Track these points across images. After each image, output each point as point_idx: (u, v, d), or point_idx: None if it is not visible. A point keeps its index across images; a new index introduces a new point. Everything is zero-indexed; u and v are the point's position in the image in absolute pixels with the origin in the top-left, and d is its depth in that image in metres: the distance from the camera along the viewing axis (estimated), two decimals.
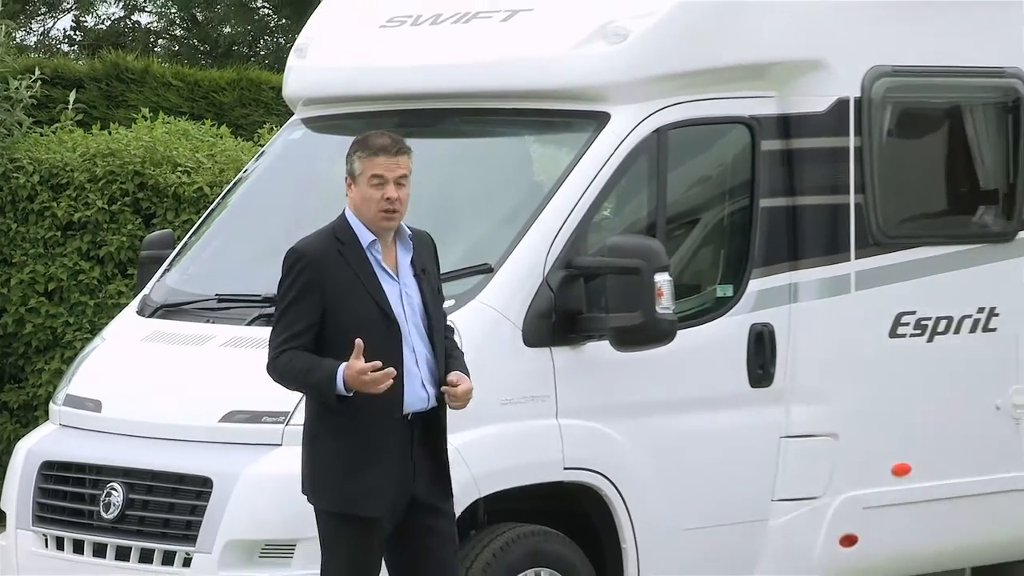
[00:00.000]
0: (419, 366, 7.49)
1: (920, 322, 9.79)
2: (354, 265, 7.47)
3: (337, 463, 7.51)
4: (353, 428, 7.45)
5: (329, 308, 7.44)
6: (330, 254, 7.51)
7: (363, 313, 7.42)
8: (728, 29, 9.45)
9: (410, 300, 7.53)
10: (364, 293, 7.45)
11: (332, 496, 7.56)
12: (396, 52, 9.95)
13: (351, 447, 7.48)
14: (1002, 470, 9.99)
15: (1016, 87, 10.10)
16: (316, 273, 7.46)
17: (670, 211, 9.37)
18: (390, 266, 7.52)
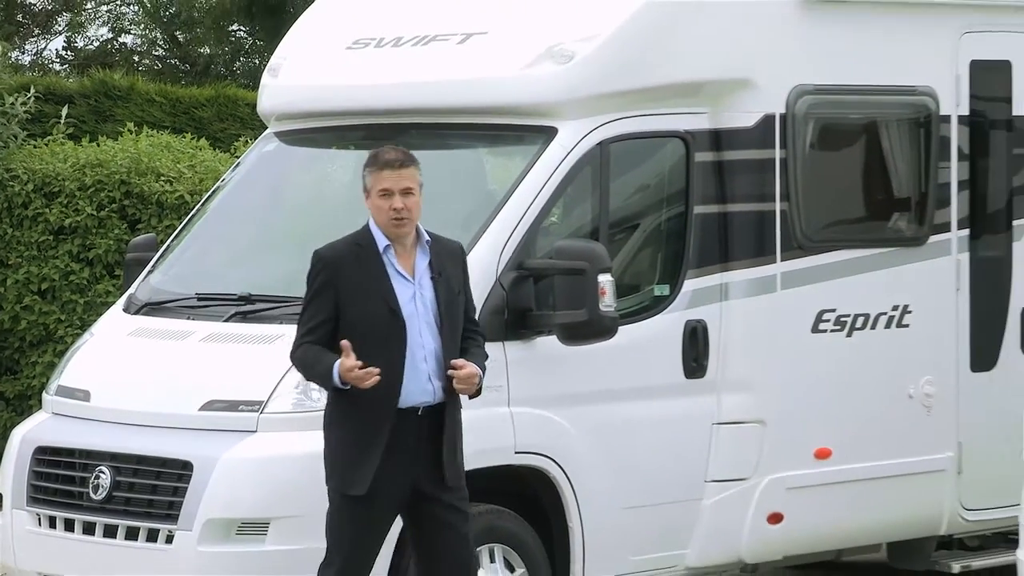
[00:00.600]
0: (427, 361, 7.55)
1: (840, 319, 9.82)
2: (368, 267, 7.58)
3: (339, 448, 7.61)
4: (353, 417, 7.54)
5: (343, 305, 7.55)
6: (347, 257, 7.64)
7: (373, 310, 7.53)
8: (665, 51, 9.46)
9: (423, 300, 7.60)
10: (375, 292, 7.54)
11: (334, 478, 7.65)
12: (361, 72, 9.95)
13: (350, 434, 7.57)
14: (914, 454, 10.02)
15: (928, 104, 10.13)
16: (332, 274, 7.59)
17: (612, 217, 9.39)
18: (407, 269, 7.61)
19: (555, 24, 9.51)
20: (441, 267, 7.69)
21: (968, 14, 10.26)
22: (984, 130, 10.38)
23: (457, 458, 7.69)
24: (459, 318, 7.70)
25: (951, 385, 10.18)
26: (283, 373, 8.76)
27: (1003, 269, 10.40)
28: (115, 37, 32.39)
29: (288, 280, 9.55)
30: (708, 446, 9.44)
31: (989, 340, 10.32)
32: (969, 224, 10.28)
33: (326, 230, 10.04)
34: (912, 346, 10.05)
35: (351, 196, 10.30)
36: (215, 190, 10.56)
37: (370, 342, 7.45)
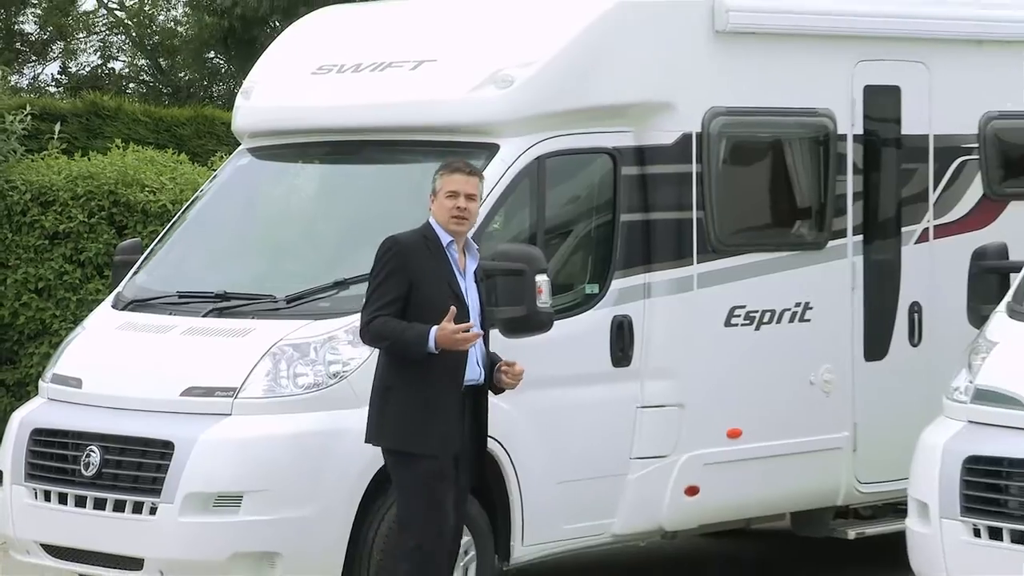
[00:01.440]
0: (475, 348, 7.69)
1: (749, 314, 9.85)
2: (436, 257, 7.71)
3: (407, 413, 7.66)
4: (424, 387, 7.61)
5: (414, 286, 7.64)
6: (417, 245, 7.76)
7: (441, 295, 7.63)
8: (595, 77, 9.47)
9: (473, 295, 7.78)
10: (442, 280, 7.69)
11: (400, 438, 7.73)
12: (324, 95, 9.94)
13: (421, 402, 7.64)
14: (815, 433, 10.04)
15: (826, 124, 10.16)
16: (404, 258, 7.70)
17: (548, 224, 9.40)
18: (462, 266, 7.77)
19: (497, 52, 9.52)
20: (481, 275, 7.91)
21: (862, 45, 10.31)
22: (876, 147, 10.43)
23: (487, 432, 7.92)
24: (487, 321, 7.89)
25: (847, 373, 10.21)
26: (255, 362, 8.78)
27: (893, 270, 10.46)
28: (104, 63, 32.33)
29: (259, 280, 9.58)
30: (633, 427, 9.46)
31: (881, 333, 10.37)
32: (863, 230, 10.31)
33: (294, 236, 10.15)
34: (813, 338, 10.08)
35: (316, 206, 10.36)
36: (194, 199, 10.53)
37: (438, 321, 7.54)
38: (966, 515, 7.94)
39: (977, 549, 7.90)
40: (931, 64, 10.53)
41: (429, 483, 7.67)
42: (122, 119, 18.64)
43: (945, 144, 10.63)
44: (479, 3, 10.83)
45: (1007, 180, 10.85)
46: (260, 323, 9.04)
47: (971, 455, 7.97)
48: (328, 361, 8.76)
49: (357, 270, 9.11)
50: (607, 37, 9.57)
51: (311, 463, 8.63)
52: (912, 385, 10.15)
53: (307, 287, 9.17)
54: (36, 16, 31.91)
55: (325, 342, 8.79)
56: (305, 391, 8.73)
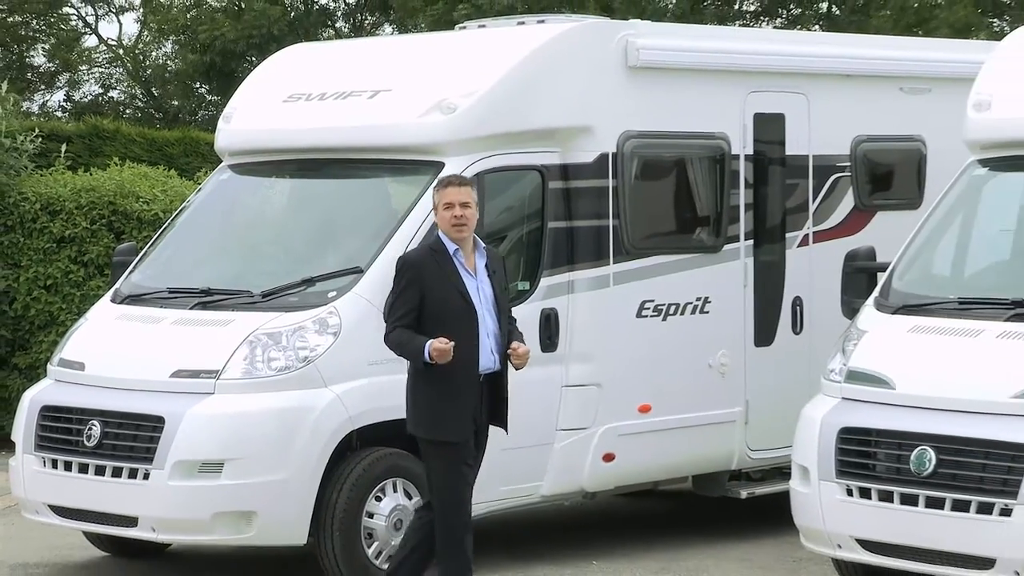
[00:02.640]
0: (489, 338, 7.61)
1: (657, 307, 9.86)
2: (444, 267, 7.60)
3: (433, 404, 7.61)
4: (444, 380, 7.53)
5: (426, 296, 7.56)
6: (427, 260, 7.66)
7: (450, 300, 7.57)
8: (526, 105, 9.47)
9: (484, 292, 7.66)
10: (451, 286, 7.58)
11: (427, 427, 7.65)
12: (294, 119, 9.92)
13: (442, 393, 7.58)
14: (713, 408, 10.06)
15: (722, 146, 10.19)
16: (414, 272, 7.62)
17: (486, 230, 9.32)
18: (470, 267, 7.65)
19: (443, 83, 9.51)
20: (494, 267, 7.77)
21: (752, 79, 10.34)
22: (764, 166, 10.46)
23: (506, 413, 7.81)
24: (506, 307, 7.78)
25: (740, 357, 10.23)
26: (235, 348, 8.76)
27: (778, 270, 10.49)
28: (104, 92, 32.19)
29: (238, 278, 9.54)
30: (559, 403, 9.46)
31: (768, 323, 10.40)
32: (753, 236, 10.34)
33: (268, 240, 10.12)
34: (711, 327, 10.09)
35: (286, 214, 10.32)
36: (182, 209, 10.47)
37: (449, 324, 7.50)
38: (840, 477, 7.98)
39: (849, 506, 7.94)
40: (810, 95, 10.58)
41: (454, 464, 7.62)
42: (119, 140, 18.53)
43: (822, 163, 10.68)
44: (428, 41, 10.86)
45: (874, 194, 10.92)
46: (239, 315, 9.01)
47: (844, 427, 8.03)
48: (297, 347, 8.74)
49: (323, 269, 9.16)
50: (536, 71, 9.58)
51: (283, 435, 8.61)
52: (795, 367, 10.20)
53: (279, 284, 9.14)
54: (45, 51, 31.77)
55: (295, 331, 8.77)
56: (278, 373, 8.70)
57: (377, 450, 8.85)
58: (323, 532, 8.68)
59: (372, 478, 8.77)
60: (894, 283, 8.58)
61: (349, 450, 8.78)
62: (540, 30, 9.91)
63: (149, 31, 32.18)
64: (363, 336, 8.78)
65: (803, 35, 16.61)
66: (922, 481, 7.66)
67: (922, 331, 8.14)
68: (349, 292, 8.88)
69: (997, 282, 8.49)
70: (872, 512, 7.85)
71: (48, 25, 31.74)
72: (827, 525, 8.07)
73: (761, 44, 11.14)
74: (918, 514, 7.66)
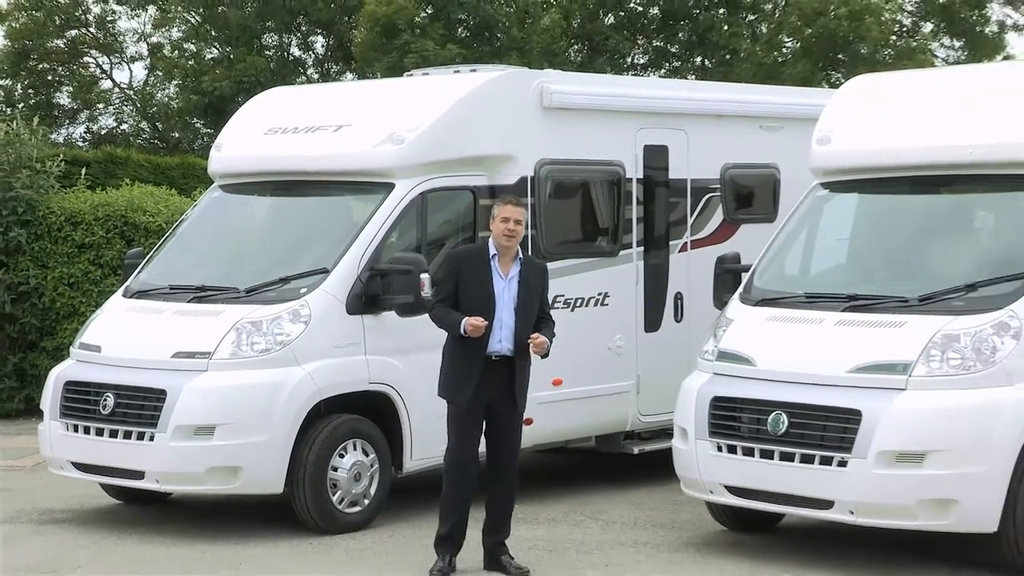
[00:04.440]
0: (501, 329, 7.50)
1: (567, 300, 9.85)
2: (480, 266, 7.56)
3: (451, 373, 7.59)
4: (461, 357, 7.53)
5: (461, 285, 7.52)
6: (469, 257, 7.67)
7: (476, 292, 7.50)
8: (461, 137, 9.43)
9: (509, 293, 7.56)
10: (481, 283, 7.51)
11: (447, 391, 7.61)
12: (272, 148, 9.84)
13: (455, 367, 7.57)
14: (611, 381, 10.07)
15: (618, 171, 10.18)
16: (456, 265, 7.62)
17: (429, 239, 9.33)
18: (504, 272, 7.57)
19: (394, 120, 9.45)
20: (527, 276, 7.62)
21: (642, 118, 10.34)
22: (652, 187, 10.47)
23: (524, 390, 7.66)
24: (532, 308, 7.60)
25: (633, 340, 10.24)
26: (224, 334, 8.69)
27: (663, 270, 10.50)
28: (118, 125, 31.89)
29: (227, 277, 9.42)
30: None
31: (655, 314, 10.42)
32: (643, 244, 10.36)
33: (251, 246, 10.03)
34: (610, 317, 10.10)
35: (266, 225, 10.22)
36: (181, 221, 10.35)
37: (471, 311, 7.44)
38: (712, 436, 8.02)
39: (719, 459, 7.98)
40: (688, 131, 10.61)
41: (458, 419, 7.60)
42: (130, 165, 18.42)
43: (698, 185, 10.71)
44: (382, 85, 10.80)
45: (739, 210, 10.96)
46: (227, 307, 8.93)
47: (716, 396, 8.06)
48: (275, 333, 8.67)
49: (296, 270, 9.08)
50: (469, 110, 9.54)
51: (263, 404, 8.54)
52: (676, 349, 10.22)
53: (261, 282, 9.06)
54: (68, 92, 31.51)
55: (273, 320, 8.71)
56: (259, 354, 8.63)
57: (340, 416, 8.80)
58: (296, 483, 8.62)
59: (336, 439, 8.73)
60: (755, 281, 8.63)
61: (317, 416, 8.73)
62: (472, 77, 9.88)
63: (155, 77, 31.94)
64: (329, 324, 8.74)
65: (682, 83, 16.67)
66: (777, 439, 7.71)
67: (777, 320, 8.20)
68: (318, 289, 8.83)
69: (835, 281, 8.56)
70: (737, 464, 7.89)
71: (71, 72, 31.46)
72: (702, 475, 8.11)
73: (649, 90, 11.26)
74: (774, 465, 7.71)
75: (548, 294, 7.89)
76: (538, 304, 7.67)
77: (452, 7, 24.87)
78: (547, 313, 7.79)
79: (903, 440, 7.30)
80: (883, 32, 23.73)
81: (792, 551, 8.16)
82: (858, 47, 23.55)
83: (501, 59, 23.10)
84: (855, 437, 7.40)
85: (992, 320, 7.41)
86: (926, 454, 7.23)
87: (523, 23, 25.13)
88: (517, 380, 7.59)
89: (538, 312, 7.66)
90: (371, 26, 24.82)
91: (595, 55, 27.83)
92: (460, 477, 7.59)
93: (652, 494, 9.85)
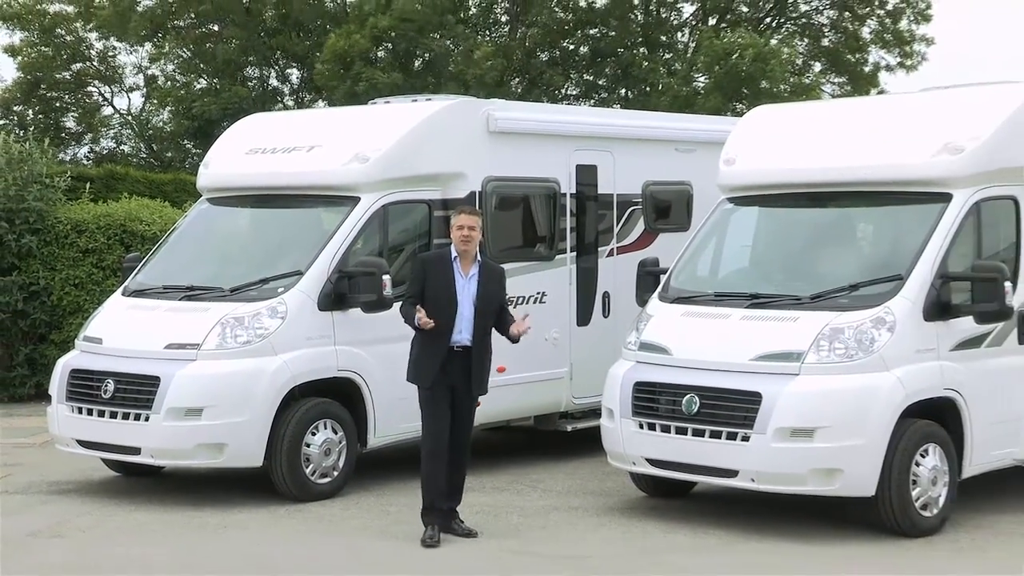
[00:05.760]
0: (462, 321, 7.43)
1: (510, 298, 9.67)
2: (444, 267, 7.50)
3: (418, 361, 7.51)
4: (426, 347, 7.46)
5: (427, 285, 7.45)
6: (434, 260, 7.61)
7: (442, 290, 7.43)
8: (418, 157, 9.39)
9: (469, 290, 7.48)
10: (444, 282, 7.45)
11: (414, 377, 7.53)
12: (253, 166, 9.76)
13: (423, 355, 7.48)
14: (548, 368, 10.07)
15: (555, 187, 10.19)
16: (423, 268, 7.56)
17: (390, 245, 9.29)
18: (465, 272, 7.50)
19: (359, 141, 9.38)
20: (485, 276, 7.57)
21: (575, 141, 10.36)
22: (583, 201, 10.49)
23: (482, 377, 7.57)
24: (491, 304, 7.55)
25: (567, 333, 10.26)
26: (210, 328, 8.60)
27: (593, 273, 10.53)
28: (118, 146, 31.51)
29: (213, 278, 9.31)
30: None
31: (586, 310, 10.44)
32: (576, 249, 10.37)
33: (235, 251, 9.92)
34: (548, 312, 10.09)
35: (247, 232, 10.11)
36: (173, 229, 10.24)
37: (437, 308, 7.39)
38: (635, 416, 8.03)
39: (641, 435, 8.00)
40: (614, 152, 10.63)
41: (426, 402, 7.53)
42: (128, 180, 18.18)
43: (623, 199, 10.73)
44: (349, 112, 10.73)
45: (658, 220, 11.00)
46: (214, 304, 8.83)
47: (638, 381, 8.08)
48: (256, 327, 8.59)
49: (274, 272, 9.01)
50: (425, 133, 9.51)
51: (245, 389, 8.46)
52: (604, 340, 10.23)
53: (243, 282, 8.97)
54: (74, 117, 31.21)
55: (254, 316, 8.63)
56: (242, 346, 8.55)
57: (312, 399, 8.74)
58: (274, 457, 8.54)
59: (309, 419, 8.67)
60: (671, 282, 8.67)
61: (293, 399, 8.66)
62: (428, 105, 9.84)
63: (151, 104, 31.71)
64: (303, 319, 8.67)
65: (609, 112, 16.75)
66: (690, 418, 7.74)
67: (690, 315, 8.22)
68: (293, 288, 8.76)
69: (740, 282, 8.60)
70: (656, 439, 7.91)
71: (76, 99, 31.17)
72: (626, 449, 8.12)
73: (581, 117, 11.27)
74: (687, 440, 7.74)
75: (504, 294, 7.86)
76: (496, 301, 7.65)
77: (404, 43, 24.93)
78: (506, 309, 7.78)
79: (796, 418, 7.35)
80: (781, 71, 24.15)
81: (703, 513, 8.20)
82: (760, 84, 23.88)
83: (442, 89, 23.14)
84: (756, 416, 7.44)
85: (871, 316, 7.47)
86: (815, 430, 7.28)
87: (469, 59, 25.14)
88: (474, 367, 7.54)
89: (498, 308, 7.63)
90: (330, 57, 24.99)
91: (533, 87, 27.93)
92: (438, 458, 7.53)
93: (584, 466, 9.85)
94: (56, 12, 29.49)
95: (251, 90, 29.33)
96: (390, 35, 24.93)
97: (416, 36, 24.75)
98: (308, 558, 7.26)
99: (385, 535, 7.70)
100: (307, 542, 7.61)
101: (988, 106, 8.16)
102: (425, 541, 7.44)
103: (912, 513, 7.50)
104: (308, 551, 7.40)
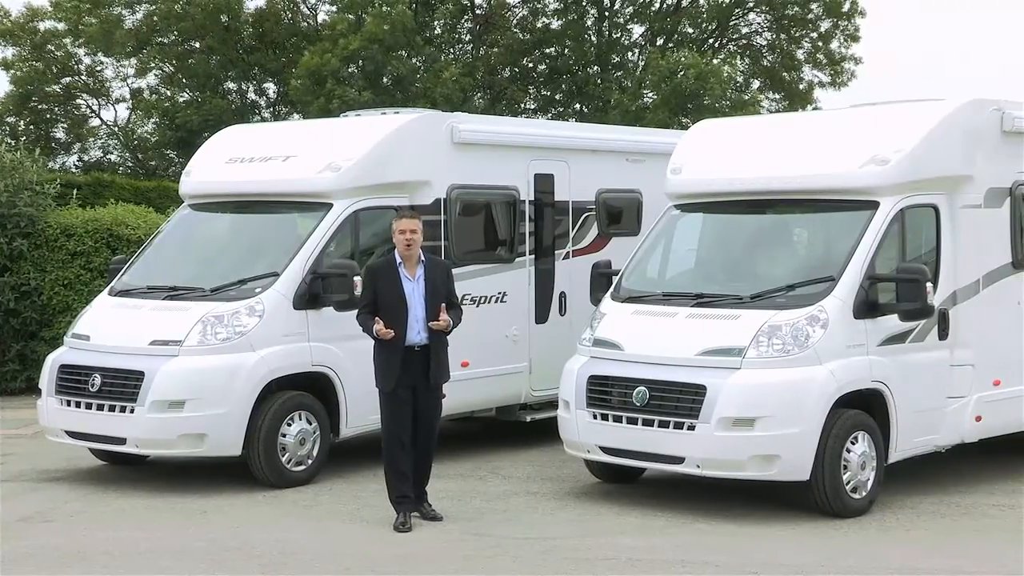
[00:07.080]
0: (417, 322, 7.33)
1: (473, 298, 9.81)
2: (390, 273, 7.37)
3: (379, 366, 7.38)
4: (385, 351, 7.33)
5: (378, 293, 7.33)
6: (381, 267, 7.45)
7: (392, 295, 7.31)
8: (388, 166, 9.35)
9: (419, 291, 7.37)
10: (393, 287, 7.32)
11: (378, 382, 7.40)
12: (232, 174, 9.68)
13: (384, 359, 7.35)
14: (509, 363, 10.07)
15: (514, 194, 10.18)
16: (371, 276, 7.42)
17: (361, 249, 9.22)
18: (411, 274, 7.39)
19: (332, 151, 9.32)
20: (432, 274, 7.46)
21: (533, 151, 10.35)
22: (541, 208, 10.48)
23: (440, 372, 7.45)
24: (439, 301, 7.42)
25: (526, 330, 10.25)
26: (192, 325, 8.52)
27: (551, 274, 10.52)
28: (105, 155, 31.20)
29: (195, 278, 9.21)
30: None
31: (544, 309, 10.43)
32: (535, 252, 10.37)
33: (214, 253, 9.82)
34: (508, 311, 10.09)
35: (226, 236, 10.02)
36: (156, 233, 10.11)
37: (391, 313, 7.28)
38: (589, 407, 8.04)
39: (595, 425, 8.01)
40: (570, 162, 10.64)
41: (386, 403, 7.43)
42: (115, 187, 18.01)
43: (578, 206, 10.74)
44: (322, 124, 10.68)
45: (611, 226, 11.01)
46: (195, 303, 8.74)
47: (592, 375, 8.09)
48: (235, 325, 8.52)
49: (252, 273, 8.94)
50: (394, 144, 9.46)
51: (225, 383, 8.39)
52: (561, 337, 10.22)
53: (223, 283, 8.89)
54: (63, 128, 30.84)
55: (233, 314, 8.56)
56: (222, 342, 8.47)
57: (288, 392, 8.68)
58: (252, 447, 8.48)
59: (285, 411, 8.61)
60: (623, 282, 8.68)
61: (269, 392, 8.59)
62: (396, 118, 9.80)
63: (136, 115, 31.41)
64: (279, 318, 8.61)
65: (565, 124, 16.80)
66: (640, 409, 7.76)
67: (640, 313, 8.24)
68: (269, 288, 8.70)
69: (686, 282, 8.63)
70: (609, 429, 7.92)
71: (66, 111, 30.85)
72: (581, 437, 8.12)
73: (539, 129, 11.29)
74: (637, 430, 7.76)
75: (455, 289, 7.78)
76: (444, 290, 7.57)
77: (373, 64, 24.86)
78: (454, 303, 7.69)
79: (738, 408, 7.39)
80: (722, 88, 24.42)
81: (652, 497, 8.22)
82: (703, 99, 24.11)
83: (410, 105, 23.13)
84: (701, 407, 7.47)
85: (806, 314, 7.52)
86: (756, 419, 7.32)
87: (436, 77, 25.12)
88: (432, 364, 7.49)
89: (446, 303, 7.56)
90: (304, 74, 24.91)
91: (495, 102, 27.99)
92: (398, 453, 7.48)
93: (542, 454, 9.85)
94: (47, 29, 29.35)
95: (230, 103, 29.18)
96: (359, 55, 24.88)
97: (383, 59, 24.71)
98: (284, 540, 7.20)
99: (355, 519, 7.67)
100: (283, 525, 7.55)
101: (912, 121, 8.25)
102: (397, 527, 7.39)
103: (843, 495, 7.56)
104: (284, 534, 7.35)
